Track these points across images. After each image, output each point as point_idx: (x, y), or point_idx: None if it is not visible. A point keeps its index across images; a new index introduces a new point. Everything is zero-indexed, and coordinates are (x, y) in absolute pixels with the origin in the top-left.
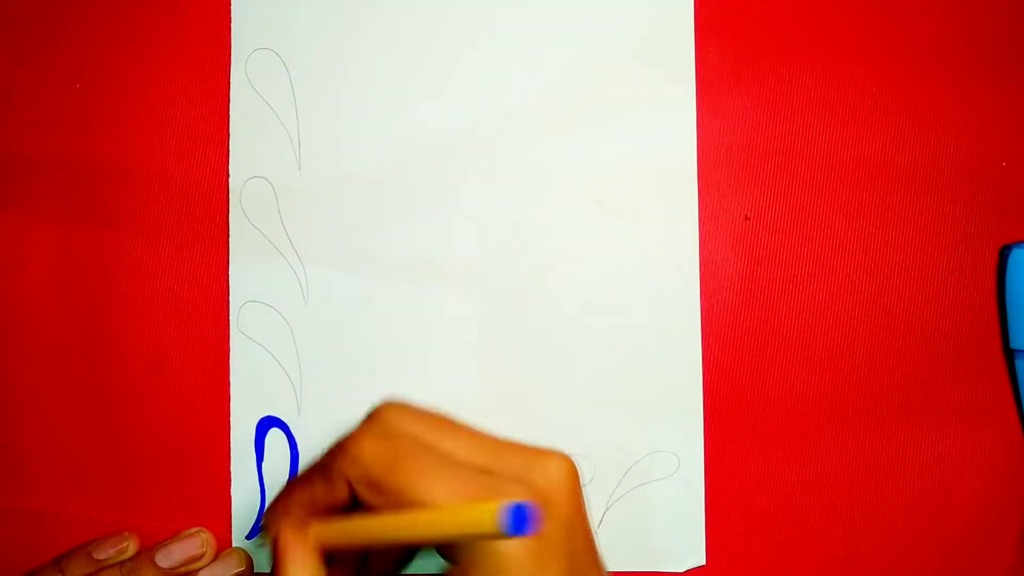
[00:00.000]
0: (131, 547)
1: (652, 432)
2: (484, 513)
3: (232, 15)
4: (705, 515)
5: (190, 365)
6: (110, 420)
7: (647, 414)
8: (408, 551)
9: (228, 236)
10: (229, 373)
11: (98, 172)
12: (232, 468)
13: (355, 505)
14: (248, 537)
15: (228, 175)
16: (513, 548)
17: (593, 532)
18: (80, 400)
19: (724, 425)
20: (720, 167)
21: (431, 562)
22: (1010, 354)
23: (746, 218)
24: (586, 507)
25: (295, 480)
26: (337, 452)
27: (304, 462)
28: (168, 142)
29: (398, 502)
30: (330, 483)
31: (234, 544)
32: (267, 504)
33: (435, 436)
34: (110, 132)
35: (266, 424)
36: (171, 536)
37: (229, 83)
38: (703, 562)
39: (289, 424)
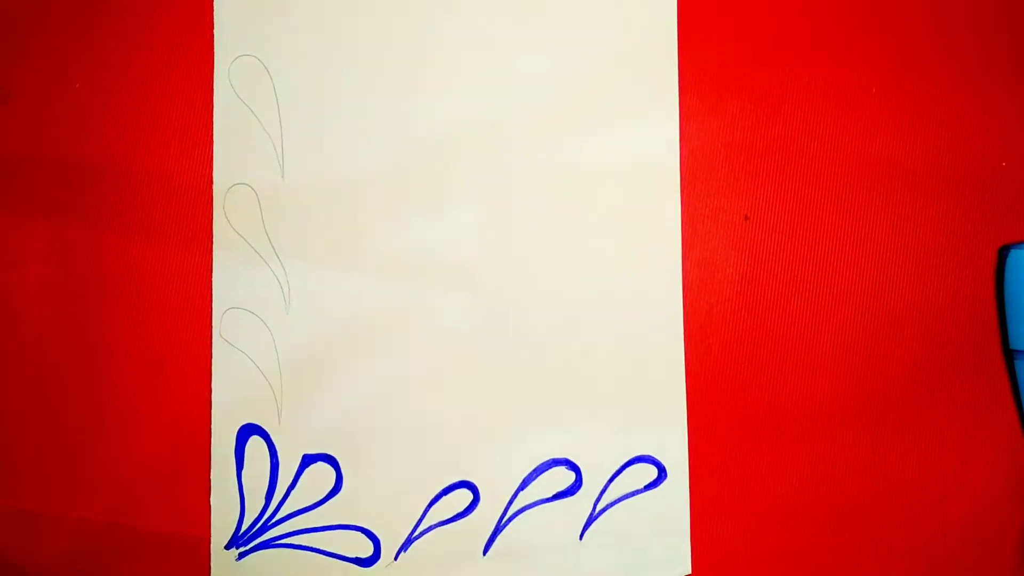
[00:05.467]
0: None
1: (636, 441)
2: None
3: (215, 22)
4: (691, 524)
5: (172, 371)
6: (104, 420)
7: (630, 424)
8: None
9: (212, 242)
10: (211, 380)
11: (95, 173)
12: (212, 476)
13: None
14: (227, 547)
15: (212, 182)
16: None
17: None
18: (74, 401)
19: (711, 431)
20: (720, 167)
21: None
22: (1010, 354)
23: (746, 218)
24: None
25: None
26: None
27: (284, 470)
28: (155, 147)
29: None
30: None
31: (212, 554)
32: None
33: None
34: (108, 133)
35: (246, 432)
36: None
37: (212, 90)
38: (688, 571)
39: (269, 432)
